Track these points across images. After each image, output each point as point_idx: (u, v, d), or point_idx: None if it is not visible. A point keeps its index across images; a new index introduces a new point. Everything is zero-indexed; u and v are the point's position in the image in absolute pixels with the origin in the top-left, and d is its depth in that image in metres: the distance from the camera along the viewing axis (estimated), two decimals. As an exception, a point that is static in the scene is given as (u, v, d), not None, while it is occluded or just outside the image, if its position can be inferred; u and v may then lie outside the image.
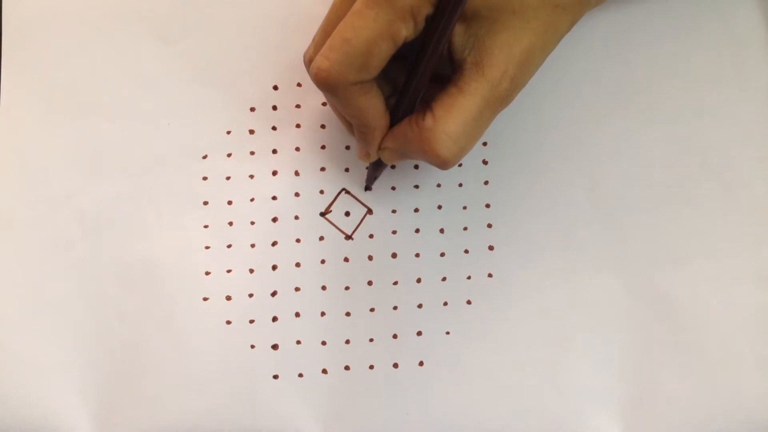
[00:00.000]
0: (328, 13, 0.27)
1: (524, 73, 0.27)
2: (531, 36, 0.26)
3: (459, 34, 0.26)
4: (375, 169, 0.32)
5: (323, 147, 0.34)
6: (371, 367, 0.33)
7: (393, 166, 0.34)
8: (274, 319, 0.33)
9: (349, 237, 0.34)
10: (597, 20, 0.34)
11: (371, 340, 0.33)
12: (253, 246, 0.33)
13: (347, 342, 0.33)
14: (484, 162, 0.34)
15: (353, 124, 0.29)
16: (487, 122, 0.27)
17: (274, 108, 0.34)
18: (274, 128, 0.34)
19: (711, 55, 0.34)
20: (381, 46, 0.25)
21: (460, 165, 0.34)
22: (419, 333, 0.33)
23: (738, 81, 0.34)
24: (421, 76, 0.27)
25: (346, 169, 0.34)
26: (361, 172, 0.34)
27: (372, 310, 0.33)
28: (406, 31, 0.25)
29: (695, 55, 0.34)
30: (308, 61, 0.28)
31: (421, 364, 0.33)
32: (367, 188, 0.34)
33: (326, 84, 0.26)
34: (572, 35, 0.33)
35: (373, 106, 0.27)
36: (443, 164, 0.27)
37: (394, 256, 0.33)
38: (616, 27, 0.34)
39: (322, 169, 0.34)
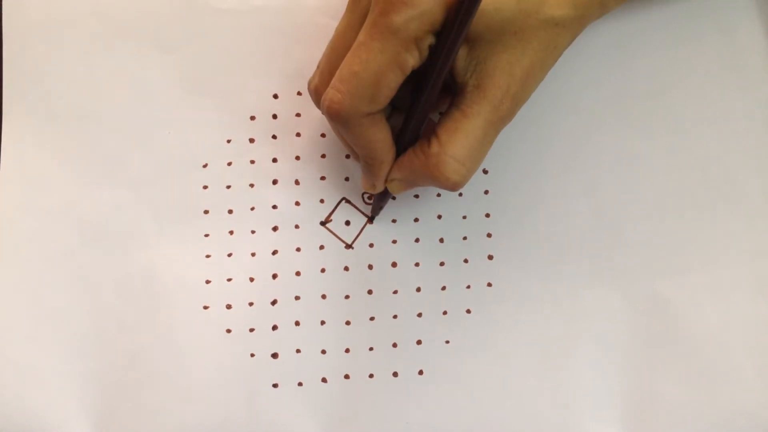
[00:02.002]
0: (332, 41, 0.28)
1: (525, 90, 0.27)
2: (531, 55, 0.26)
3: (461, 57, 0.26)
4: (380, 200, 0.32)
5: (323, 156, 0.34)
6: (371, 375, 0.33)
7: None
8: (274, 327, 0.33)
9: (349, 246, 0.34)
10: (597, 31, 0.34)
11: (371, 348, 0.33)
12: (253, 255, 0.33)
13: (347, 351, 0.33)
14: (484, 171, 0.34)
15: (361, 156, 0.29)
16: (491, 141, 0.28)
17: (274, 117, 0.34)
18: (274, 137, 0.34)
19: (711, 66, 0.34)
20: (390, 77, 0.25)
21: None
22: (419, 342, 0.33)
23: (738, 92, 0.34)
24: (426, 102, 0.27)
25: (346, 178, 0.34)
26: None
27: (372, 318, 0.33)
28: (412, 60, 0.25)
29: (696, 65, 0.34)
30: (314, 90, 0.28)
31: (420, 372, 0.33)
32: (371, 219, 0.34)
33: (339, 116, 0.26)
34: (573, 46, 0.33)
35: (381, 138, 0.27)
36: (453, 187, 0.27)
37: (394, 265, 0.34)
38: (617, 37, 0.34)
39: (322, 178, 0.34)
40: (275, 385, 0.32)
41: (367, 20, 0.25)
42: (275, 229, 0.33)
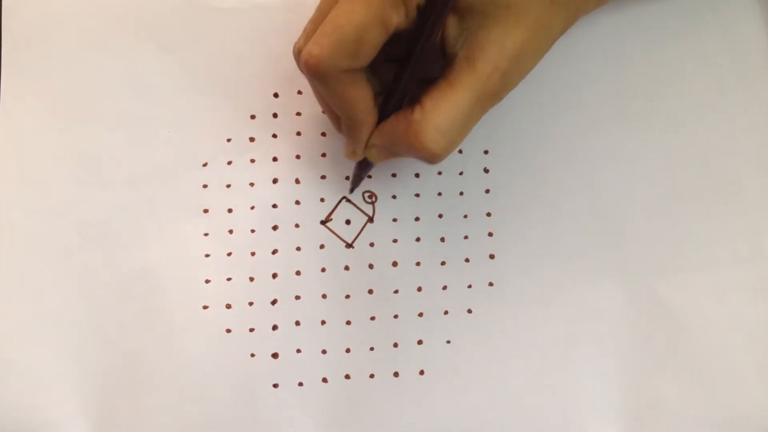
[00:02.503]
0: (319, 5, 0.27)
1: (515, 69, 0.27)
2: (524, 31, 0.26)
3: (452, 27, 0.26)
4: (361, 170, 0.32)
5: (324, 155, 0.34)
6: (372, 376, 0.33)
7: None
8: (274, 327, 0.33)
9: (349, 245, 0.33)
10: (597, 26, 0.34)
11: (372, 348, 0.33)
12: (253, 254, 0.33)
13: (347, 351, 0.33)
14: (485, 170, 0.34)
15: (341, 117, 0.28)
16: (476, 117, 0.27)
17: (275, 116, 0.34)
18: (274, 136, 0.34)
19: (711, 62, 0.34)
20: (372, 33, 0.25)
21: (461, 173, 0.34)
22: (420, 342, 0.33)
23: (738, 88, 0.34)
24: (412, 69, 0.26)
25: (347, 177, 0.34)
26: (363, 181, 0.34)
27: (372, 318, 0.33)
28: (397, 18, 0.25)
29: (695, 61, 0.34)
30: (297, 52, 0.28)
31: (421, 373, 0.33)
32: (352, 190, 0.33)
33: (317, 71, 0.25)
34: (572, 41, 0.33)
35: (362, 98, 0.27)
36: (432, 158, 0.27)
37: (394, 264, 0.33)
38: (617, 32, 0.34)
39: (323, 177, 0.34)
40: (275, 385, 0.32)
41: None
42: (275, 228, 0.33)
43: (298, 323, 0.33)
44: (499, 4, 0.25)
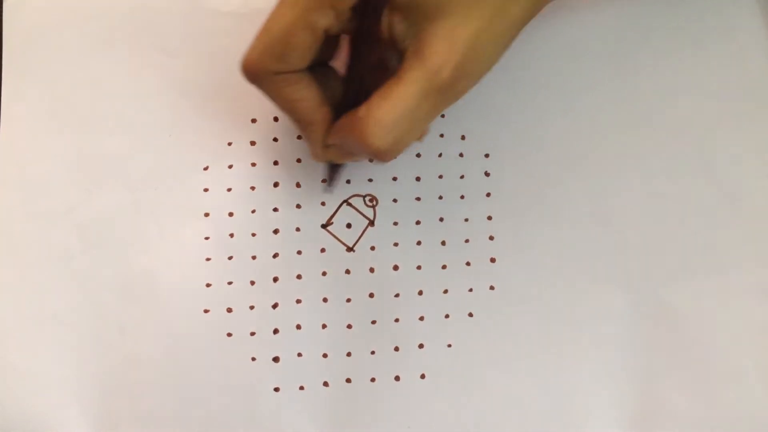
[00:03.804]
0: None
1: (471, 61, 0.25)
2: (477, 21, 0.25)
3: (398, 23, 0.25)
4: (332, 169, 0.32)
5: (325, 158, 0.34)
6: (373, 379, 0.32)
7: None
8: (275, 331, 0.33)
9: (350, 249, 0.33)
10: (600, 32, 0.34)
11: (373, 352, 0.33)
12: (254, 258, 0.33)
13: (349, 354, 0.33)
14: (486, 174, 0.34)
15: (289, 118, 0.28)
16: (427, 113, 0.26)
17: (276, 119, 0.34)
18: (275, 140, 0.34)
19: (715, 68, 0.34)
20: (299, 35, 0.24)
21: (462, 177, 0.34)
22: (421, 345, 0.33)
23: (742, 93, 0.34)
24: (357, 65, 0.26)
25: (348, 181, 0.34)
26: (364, 185, 0.34)
27: (373, 322, 0.33)
28: (325, 21, 0.24)
29: (699, 67, 0.34)
30: None
31: (422, 376, 0.33)
32: (330, 189, 0.33)
33: (249, 74, 0.26)
34: (576, 46, 0.33)
35: (304, 98, 0.27)
36: (378, 154, 0.26)
37: (395, 268, 0.33)
38: (620, 39, 0.34)
39: (324, 181, 0.34)
40: (276, 389, 0.32)
41: None
42: (276, 231, 0.33)
43: (299, 327, 0.33)
44: None
